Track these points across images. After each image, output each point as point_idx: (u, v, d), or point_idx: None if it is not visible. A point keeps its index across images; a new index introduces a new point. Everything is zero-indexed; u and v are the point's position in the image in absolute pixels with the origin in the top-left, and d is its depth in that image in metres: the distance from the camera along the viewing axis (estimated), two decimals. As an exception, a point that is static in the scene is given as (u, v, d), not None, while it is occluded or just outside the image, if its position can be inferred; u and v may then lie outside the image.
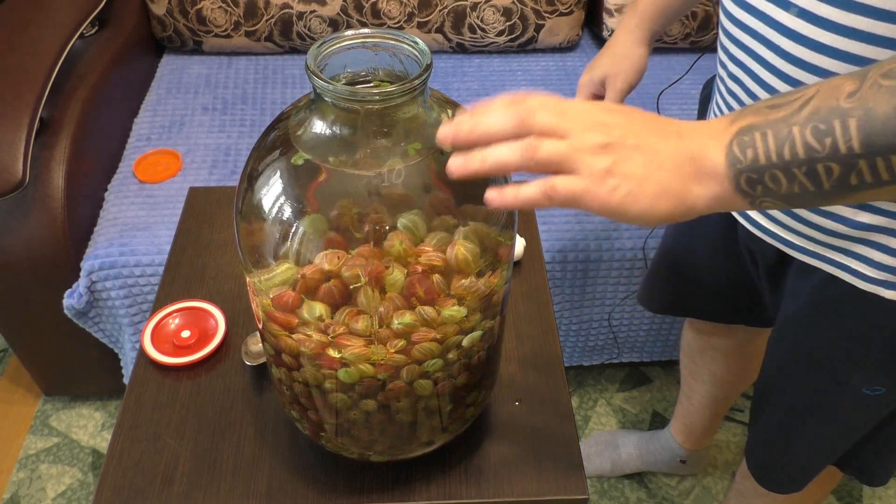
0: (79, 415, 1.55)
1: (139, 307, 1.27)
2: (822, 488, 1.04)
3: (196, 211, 0.95)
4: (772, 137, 0.44)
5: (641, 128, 0.46)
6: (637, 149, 0.45)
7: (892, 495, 1.46)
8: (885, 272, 0.65)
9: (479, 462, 0.70)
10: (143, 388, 0.76)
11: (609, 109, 0.46)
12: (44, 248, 1.22)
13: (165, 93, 1.56)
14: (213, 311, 0.82)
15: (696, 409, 1.29)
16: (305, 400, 0.62)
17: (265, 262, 0.54)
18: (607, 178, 0.44)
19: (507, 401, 0.75)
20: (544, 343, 0.81)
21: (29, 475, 1.45)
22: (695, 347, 1.20)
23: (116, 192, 1.34)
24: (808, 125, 0.43)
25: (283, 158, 0.54)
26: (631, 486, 1.46)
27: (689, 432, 1.36)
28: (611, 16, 1.64)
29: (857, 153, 0.42)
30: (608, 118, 0.45)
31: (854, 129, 0.41)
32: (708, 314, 1.07)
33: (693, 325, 1.19)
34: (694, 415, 1.31)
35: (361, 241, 0.52)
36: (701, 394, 1.25)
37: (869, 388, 0.74)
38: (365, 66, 0.55)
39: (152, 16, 1.62)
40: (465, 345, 0.58)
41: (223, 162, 1.39)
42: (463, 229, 0.54)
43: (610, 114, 0.46)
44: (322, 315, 0.54)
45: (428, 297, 0.53)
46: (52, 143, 1.25)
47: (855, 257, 0.66)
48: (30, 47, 1.29)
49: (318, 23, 1.61)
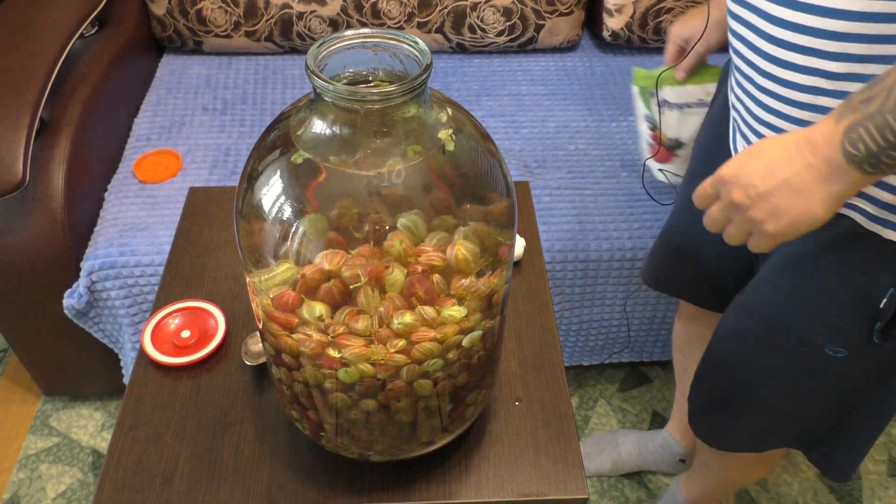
0: (79, 415, 1.55)
1: (139, 307, 1.27)
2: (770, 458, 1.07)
3: (196, 211, 0.96)
4: (874, 130, 0.53)
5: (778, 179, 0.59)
6: (776, 198, 0.60)
7: (892, 496, 1.46)
8: (886, 210, 0.67)
9: (479, 462, 0.70)
10: (143, 388, 0.76)
11: (760, 176, 0.60)
12: (44, 248, 1.22)
13: (165, 93, 1.56)
14: (213, 311, 0.82)
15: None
16: (305, 400, 0.62)
17: (265, 261, 0.54)
18: (768, 227, 0.62)
19: (507, 401, 0.75)
20: (544, 343, 0.81)
21: (29, 475, 1.45)
22: (685, 340, 1.22)
23: (116, 192, 1.34)
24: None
25: (284, 158, 0.54)
26: (631, 486, 1.46)
27: (687, 430, 1.36)
28: (611, 16, 1.64)
29: None
30: (760, 185, 0.61)
31: None
32: (699, 298, 1.08)
33: (682, 316, 1.20)
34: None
35: (361, 240, 0.52)
36: None
37: (832, 348, 0.76)
38: (365, 66, 0.55)
39: (152, 16, 1.62)
40: (465, 345, 0.58)
41: (223, 162, 1.39)
42: (463, 229, 0.54)
43: (762, 180, 0.60)
44: (322, 315, 0.54)
45: (428, 297, 0.53)
46: (52, 143, 1.25)
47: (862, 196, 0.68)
48: (30, 47, 1.29)
49: (318, 23, 1.61)
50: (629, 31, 1.65)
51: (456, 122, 0.55)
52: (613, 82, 1.64)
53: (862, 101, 0.54)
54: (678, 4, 1.61)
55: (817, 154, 0.57)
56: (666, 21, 1.64)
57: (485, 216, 0.56)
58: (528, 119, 1.52)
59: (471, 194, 0.57)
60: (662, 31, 1.65)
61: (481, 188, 0.57)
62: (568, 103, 1.57)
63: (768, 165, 0.60)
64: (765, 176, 0.60)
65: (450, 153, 0.54)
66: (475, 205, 0.56)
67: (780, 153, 0.60)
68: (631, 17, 1.63)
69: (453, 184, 0.56)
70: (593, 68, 1.68)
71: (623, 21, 1.64)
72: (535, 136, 1.48)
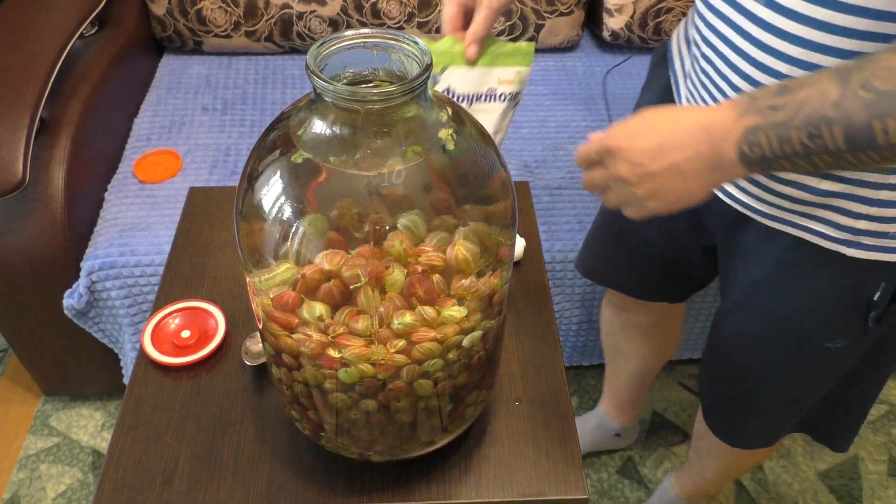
0: (79, 415, 1.55)
1: (139, 307, 1.27)
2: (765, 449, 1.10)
3: (196, 211, 0.95)
4: (775, 139, 0.55)
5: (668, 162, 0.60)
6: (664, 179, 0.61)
7: (892, 496, 1.46)
8: (847, 233, 0.69)
9: (479, 462, 0.70)
10: (143, 388, 0.76)
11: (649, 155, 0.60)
12: (44, 248, 1.22)
13: (165, 93, 1.56)
14: (213, 311, 0.82)
15: (624, 386, 1.34)
16: (305, 400, 0.62)
17: (265, 262, 0.54)
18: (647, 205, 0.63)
19: (507, 401, 0.75)
20: (544, 343, 0.81)
21: (29, 475, 1.45)
22: (616, 326, 1.24)
23: (116, 192, 1.34)
24: (804, 130, 0.54)
25: (284, 158, 0.54)
26: (631, 486, 1.46)
27: (620, 407, 1.41)
28: (611, 16, 1.64)
29: (844, 150, 0.53)
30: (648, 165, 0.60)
31: (839, 134, 0.52)
32: (631, 289, 1.09)
33: (611, 303, 1.22)
34: (622, 391, 1.37)
35: (361, 241, 0.52)
36: (627, 371, 1.30)
37: (831, 342, 0.78)
38: (365, 66, 0.55)
39: (152, 16, 1.62)
40: (466, 345, 0.58)
41: (223, 162, 1.39)
42: (463, 229, 0.54)
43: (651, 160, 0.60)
44: (322, 315, 0.54)
45: (428, 297, 0.53)
46: (52, 143, 1.25)
47: (820, 221, 0.70)
48: (30, 47, 1.29)
49: (318, 23, 1.61)
50: (629, 31, 1.65)
51: (456, 122, 0.55)
52: (613, 82, 1.64)
53: (770, 107, 0.55)
54: (678, 4, 1.61)
55: (711, 145, 0.58)
56: (666, 21, 1.64)
57: (485, 216, 0.56)
58: (528, 119, 1.52)
59: (471, 194, 0.57)
60: (663, 31, 1.65)
61: (481, 188, 0.57)
62: (568, 103, 1.57)
63: (659, 145, 0.60)
64: (654, 156, 0.60)
65: (450, 153, 0.54)
66: (475, 205, 0.56)
67: (673, 135, 0.60)
68: (631, 17, 1.63)
69: (453, 184, 0.56)
70: (593, 68, 1.68)
71: (623, 21, 1.64)
72: (535, 136, 1.48)
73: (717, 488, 1.30)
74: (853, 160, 0.54)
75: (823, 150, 0.54)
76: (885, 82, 0.50)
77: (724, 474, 1.20)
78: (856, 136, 0.52)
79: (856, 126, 0.51)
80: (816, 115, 0.53)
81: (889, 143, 0.51)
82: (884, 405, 1.62)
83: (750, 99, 0.57)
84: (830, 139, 0.53)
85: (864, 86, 0.51)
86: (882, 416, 1.60)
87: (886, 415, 1.60)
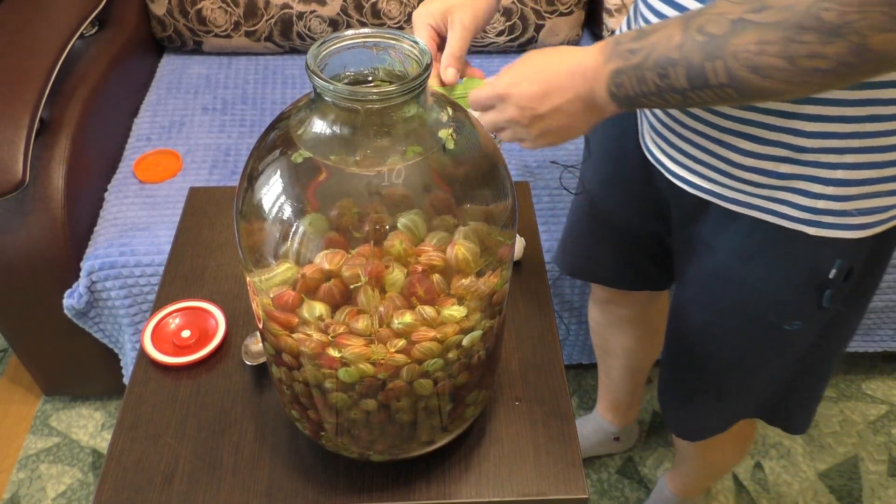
0: (79, 415, 1.55)
1: (139, 307, 1.27)
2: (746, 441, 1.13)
3: (196, 211, 0.96)
4: (634, 80, 0.61)
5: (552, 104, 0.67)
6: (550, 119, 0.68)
7: (892, 496, 1.46)
8: (808, 213, 0.71)
9: (479, 462, 0.70)
10: (143, 388, 0.76)
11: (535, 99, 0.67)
12: (44, 248, 1.22)
13: (165, 93, 1.56)
14: (213, 311, 0.82)
15: (617, 385, 1.35)
16: (305, 399, 0.62)
17: (265, 261, 0.54)
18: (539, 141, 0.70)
19: (507, 401, 0.75)
20: (544, 343, 0.81)
21: (29, 475, 1.45)
22: (602, 323, 1.25)
23: (116, 192, 1.34)
24: (655, 71, 0.59)
25: (284, 158, 0.54)
26: (631, 486, 1.46)
27: (616, 408, 1.41)
28: (611, 16, 1.64)
29: (687, 88, 0.58)
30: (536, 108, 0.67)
31: (682, 74, 0.58)
32: (612, 280, 1.11)
33: (596, 300, 1.23)
34: (616, 391, 1.37)
35: (361, 240, 0.52)
36: (618, 368, 1.31)
37: (789, 324, 0.80)
38: (365, 66, 0.55)
39: (152, 16, 1.62)
40: (465, 344, 0.58)
41: (223, 162, 1.39)
42: (463, 229, 0.54)
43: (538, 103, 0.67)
44: (322, 315, 0.54)
45: (428, 296, 0.53)
46: (52, 143, 1.25)
47: (780, 202, 0.72)
48: (30, 47, 1.29)
49: (318, 23, 1.61)
50: (629, 31, 1.65)
51: (456, 121, 0.55)
52: (613, 82, 1.63)
53: (629, 51, 0.61)
54: (678, 4, 1.61)
55: (587, 87, 0.64)
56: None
57: (485, 216, 0.56)
58: (528, 119, 1.52)
59: (471, 194, 0.57)
60: None
61: (481, 188, 0.57)
62: (568, 103, 1.57)
63: (545, 89, 0.66)
64: (541, 99, 0.66)
65: (450, 152, 0.54)
66: (475, 205, 0.56)
67: (555, 78, 0.66)
68: (631, 17, 1.63)
69: (453, 184, 0.56)
70: (593, 68, 1.68)
71: (623, 21, 1.64)
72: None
73: (706, 483, 1.31)
74: (696, 98, 0.59)
75: (672, 88, 0.59)
76: (716, 27, 0.55)
77: (705, 472, 1.22)
78: (695, 76, 0.57)
79: (694, 67, 0.57)
80: (664, 57, 0.58)
81: (719, 82, 0.56)
82: (884, 405, 1.62)
83: (615, 43, 0.63)
84: (676, 79, 0.58)
85: (699, 30, 0.56)
86: (882, 416, 1.60)
87: (886, 415, 1.60)
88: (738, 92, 0.56)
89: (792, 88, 0.55)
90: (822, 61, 0.52)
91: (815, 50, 0.51)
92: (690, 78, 0.57)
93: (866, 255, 0.74)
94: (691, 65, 0.57)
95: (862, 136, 0.65)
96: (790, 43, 0.52)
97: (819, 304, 0.77)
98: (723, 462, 1.19)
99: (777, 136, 0.68)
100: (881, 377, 1.67)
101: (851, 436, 1.56)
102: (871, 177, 0.68)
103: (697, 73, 0.57)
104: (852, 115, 0.64)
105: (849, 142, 0.66)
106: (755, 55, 0.53)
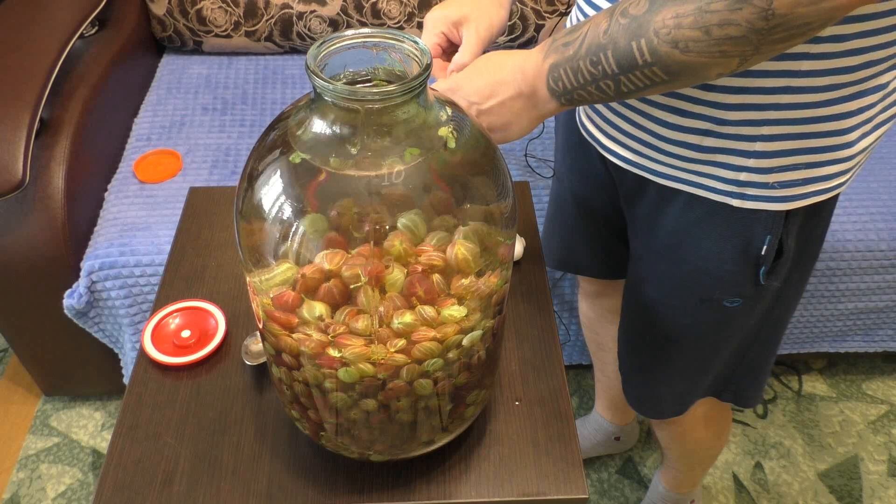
0: (79, 415, 1.55)
1: (139, 307, 1.27)
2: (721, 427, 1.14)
3: (196, 211, 0.96)
4: (570, 71, 0.63)
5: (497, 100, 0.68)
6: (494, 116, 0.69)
7: (892, 496, 1.46)
8: (732, 185, 0.74)
9: (479, 462, 0.70)
10: (143, 388, 0.76)
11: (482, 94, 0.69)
12: (44, 248, 1.22)
13: (165, 93, 1.56)
14: (213, 311, 0.82)
15: (613, 382, 1.35)
16: (305, 399, 0.62)
17: (265, 261, 0.54)
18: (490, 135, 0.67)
19: (507, 401, 0.75)
20: (544, 343, 0.81)
21: (29, 475, 1.45)
22: (592, 317, 1.26)
23: (116, 192, 1.34)
24: (587, 59, 0.61)
25: (284, 158, 0.54)
26: (631, 486, 1.46)
27: (614, 405, 1.42)
28: (611, 16, 1.64)
29: (618, 72, 0.60)
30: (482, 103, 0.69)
31: (612, 58, 0.59)
32: (596, 269, 1.12)
33: (585, 295, 1.24)
34: (613, 387, 1.37)
35: (361, 240, 0.52)
36: (612, 363, 1.30)
37: (728, 300, 0.82)
38: (365, 66, 0.55)
39: (152, 16, 1.62)
40: (465, 344, 0.58)
41: (223, 162, 1.39)
42: (463, 229, 0.54)
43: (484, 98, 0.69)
44: (322, 315, 0.54)
45: (428, 296, 0.53)
46: (52, 143, 1.25)
47: (708, 176, 0.74)
48: (30, 47, 1.29)
49: (318, 23, 1.61)
50: (629, 31, 1.65)
51: (456, 121, 0.55)
52: (613, 82, 1.64)
53: (563, 45, 0.63)
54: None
55: (528, 83, 0.66)
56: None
57: (485, 216, 0.56)
58: (528, 119, 1.52)
59: (471, 194, 0.57)
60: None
61: (481, 188, 0.57)
62: (568, 103, 1.57)
63: (490, 86, 0.69)
64: (487, 95, 0.69)
65: (450, 152, 0.54)
66: (475, 205, 0.56)
67: (500, 76, 0.68)
68: (631, 17, 1.63)
69: (453, 183, 0.56)
70: (593, 68, 1.68)
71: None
72: (535, 135, 1.48)
73: (696, 475, 1.31)
74: (628, 84, 0.60)
75: (605, 75, 0.61)
76: (637, 8, 0.57)
77: (689, 461, 1.23)
78: (623, 59, 0.59)
79: (621, 50, 0.59)
80: (594, 44, 0.60)
81: (646, 61, 0.58)
82: (884, 405, 1.62)
83: (552, 40, 0.65)
84: (607, 64, 0.60)
85: (622, 13, 0.58)
86: (882, 416, 1.60)
87: (886, 415, 1.60)
88: (664, 70, 0.58)
89: (712, 61, 0.56)
90: (734, 28, 0.54)
91: (725, 17, 0.53)
92: (619, 61, 0.59)
93: (796, 232, 0.76)
94: (618, 47, 0.59)
95: (778, 107, 0.67)
96: (703, 13, 0.54)
97: (756, 281, 0.79)
98: (702, 449, 1.19)
99: (700, 109, 0.70)
100: (881, 377, 1.67)
101: (851, 436, 1.56)
102: (788, 148, 0.70)
103: (624, 54, 0.58)
104: (769, 86, 0.66)
105: (766, 113, 0.67)
106: (673, 29, 0.55)
